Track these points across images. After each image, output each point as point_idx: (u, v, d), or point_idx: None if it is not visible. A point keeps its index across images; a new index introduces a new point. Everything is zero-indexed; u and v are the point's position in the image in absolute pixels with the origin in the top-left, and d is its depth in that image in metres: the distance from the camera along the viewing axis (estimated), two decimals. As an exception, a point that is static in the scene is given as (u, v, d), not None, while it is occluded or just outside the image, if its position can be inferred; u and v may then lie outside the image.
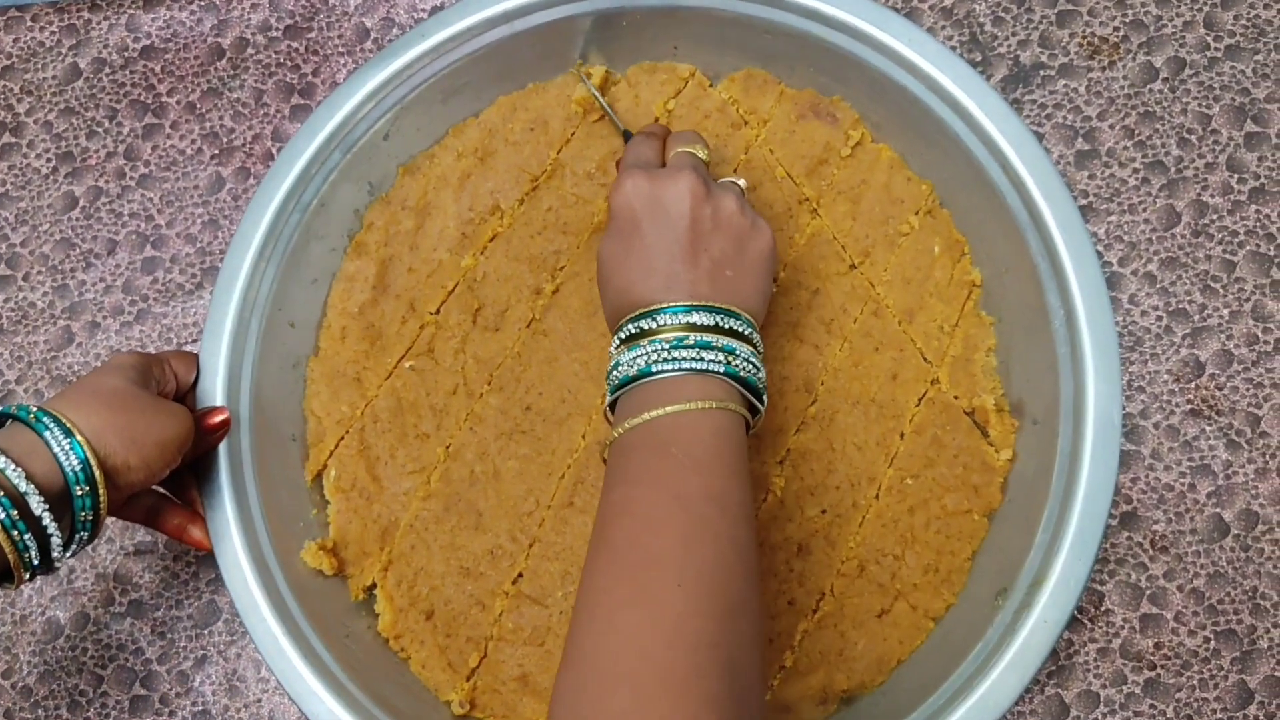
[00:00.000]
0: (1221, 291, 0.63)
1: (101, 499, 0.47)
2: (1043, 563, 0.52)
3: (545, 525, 0.58)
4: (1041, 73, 0.66)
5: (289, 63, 0.70)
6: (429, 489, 0.59)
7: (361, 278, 0.62)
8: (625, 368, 0.49)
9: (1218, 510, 0.60)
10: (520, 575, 0.58)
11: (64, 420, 0.46)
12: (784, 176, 0.63)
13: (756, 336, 0.51)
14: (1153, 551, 0.60)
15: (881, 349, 0.60)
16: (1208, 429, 0.61)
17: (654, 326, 0.49)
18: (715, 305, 0.49)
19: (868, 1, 0.59)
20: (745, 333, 0.49)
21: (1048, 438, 0.55)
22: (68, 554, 0.48)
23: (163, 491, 0.56)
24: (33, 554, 0.45)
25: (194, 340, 0.66)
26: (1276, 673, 0.58)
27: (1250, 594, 0.59)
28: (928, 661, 0.55)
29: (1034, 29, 0.67)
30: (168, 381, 0.55)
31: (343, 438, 0.60)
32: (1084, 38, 0.66)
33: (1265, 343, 0.62)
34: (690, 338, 0.48)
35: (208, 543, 0.54)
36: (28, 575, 0.46)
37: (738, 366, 0.48)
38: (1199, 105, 0.65)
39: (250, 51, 0.70)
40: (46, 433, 0.46)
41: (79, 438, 0.46)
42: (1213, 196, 0.64)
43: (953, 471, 0.58)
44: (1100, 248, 0.63)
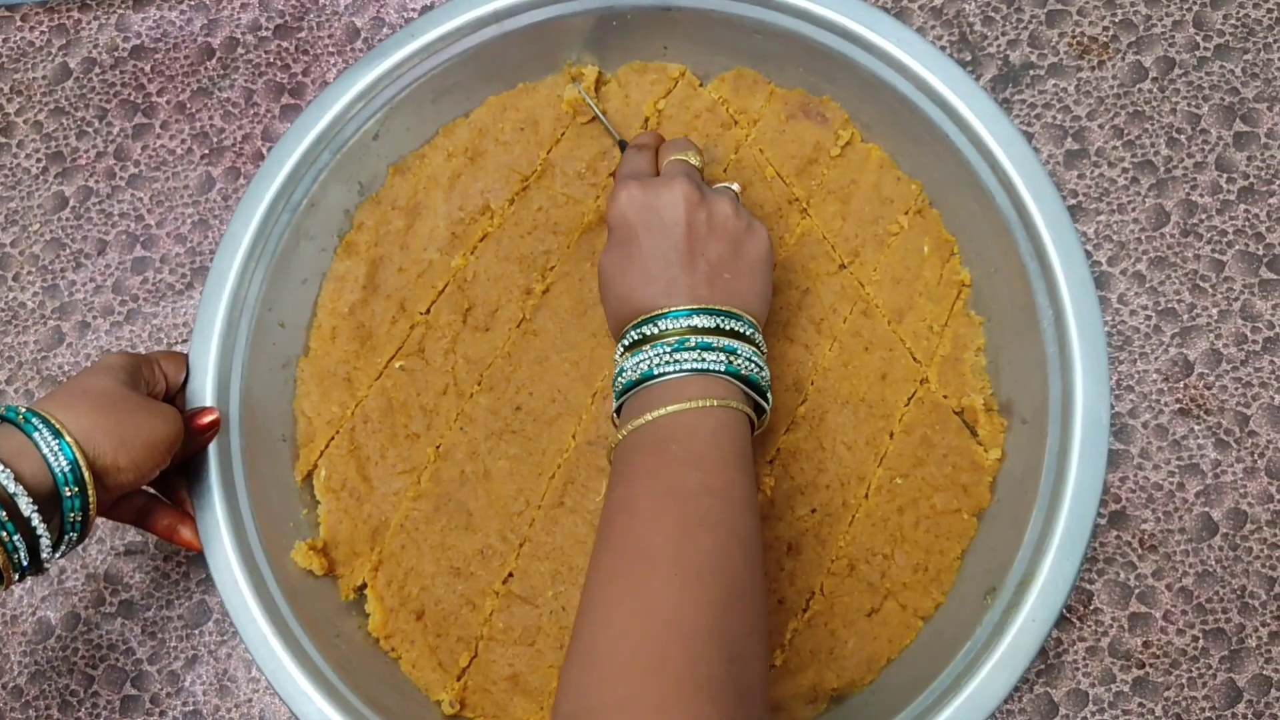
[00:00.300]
0: (1210, 291, 0.63)
1: (91, 500, 0.47)
2: (1031, 562, 0.52)
3: (535, 525, 0.58)
4: (1031, 72, 0.66)
5: (279, 62, 0.70)
6: (419, 489, 0.59)
7: (351, 278, 0.62)
8: (630, 373, 0.50)
9: (1206, 509, 0.60)
10: (511, 575, 0.58)
11: (53, 421, 0.46)
12: (774, 176, 0.63)
13: (758, 336, 0.51)
14: (1141, 550, 0.60)
15: (871, 348, 0.60)
16: (1196, 428, 0.61)
17: (656, 331, 0.50)
18: (716, 307, 0.50)
19: (857, 1, 0.59)
20: (746, 333, 0.50)
21: (1037, 437, 0.55)
22: (57, 555, 0.48)
23: (152, 492, 0.56)
24: (22, 555, 0.45)
25: (184, 340, 0.66)
26: (1265, 671, 0.58)
27: (1239, 593, 0.59)
28: (917, 660, 0.55)
29: (1023, 29, 0.67)
30: (157, 382, 0.55)
31: (333, 438, 0.60)
32: (1073, 37, 0.67)
33: (1254, 342, 0.62)
34: (692, 340, 0.49)
35: (198, 543, 0.54)
36: (17, 576, 0.46)
37: (739, 365, 0.49)
38: (1188, 105, 0.65)
39: (240, 51, 0.70)
40: (35, 434, 0.46)
41: (68, 439, 0.46)
42: (1202, 196, 0.64)
43: (942, 471, 0.58)
44: (1089, 247, 0.63)
